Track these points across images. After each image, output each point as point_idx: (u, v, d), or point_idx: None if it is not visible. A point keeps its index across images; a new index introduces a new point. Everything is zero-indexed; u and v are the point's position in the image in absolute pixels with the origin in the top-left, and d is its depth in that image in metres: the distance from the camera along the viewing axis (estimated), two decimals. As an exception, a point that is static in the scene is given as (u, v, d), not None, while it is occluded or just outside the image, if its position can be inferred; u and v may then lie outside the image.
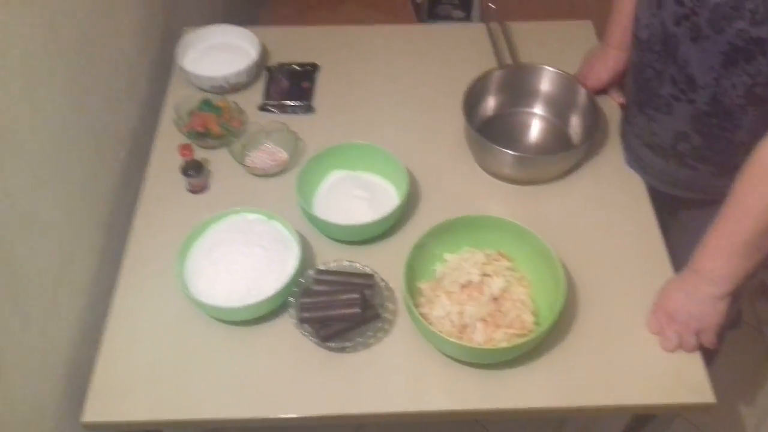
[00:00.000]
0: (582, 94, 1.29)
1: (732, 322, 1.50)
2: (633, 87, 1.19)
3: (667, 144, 1.15)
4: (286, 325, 1.08)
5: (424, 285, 1.10)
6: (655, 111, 1.13)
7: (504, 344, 1.01)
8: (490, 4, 1.46)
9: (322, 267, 1.11)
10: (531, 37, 1.51)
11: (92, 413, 1.02)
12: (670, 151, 1.15)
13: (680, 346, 1.04)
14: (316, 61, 1.48)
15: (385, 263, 1.14)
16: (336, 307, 1.04)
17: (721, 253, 0.97)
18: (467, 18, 2.68)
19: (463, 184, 1.28)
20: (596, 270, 1.15)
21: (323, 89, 1.44)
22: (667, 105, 1.10)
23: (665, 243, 1.18)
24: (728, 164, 1.09)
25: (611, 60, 1.31)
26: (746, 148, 0.96)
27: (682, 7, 0.97)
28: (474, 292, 1.05)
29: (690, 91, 1.05)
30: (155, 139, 1.35)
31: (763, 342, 1.93)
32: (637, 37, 1.12)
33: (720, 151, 1.10)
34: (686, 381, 1.02)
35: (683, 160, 1.15)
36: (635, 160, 1.25)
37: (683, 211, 1.28)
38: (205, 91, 1.40)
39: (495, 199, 1.26)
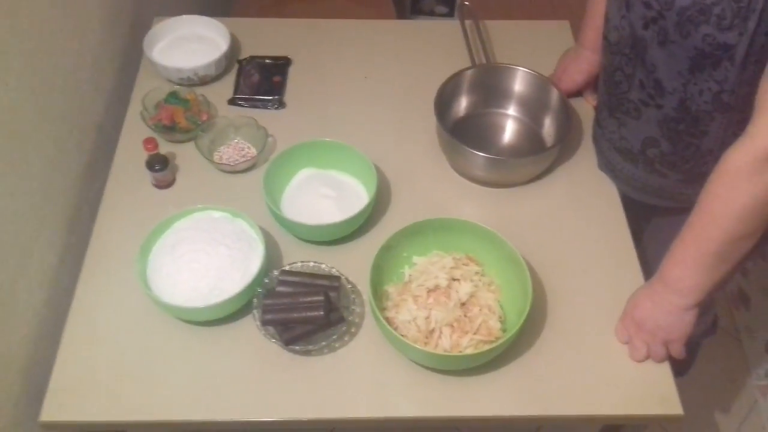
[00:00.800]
0: (555, 96, 1.28)
1: (707, 330, 1.50)
2: (603, 90, 1.18)
3: (636, 149, 1.14)
4: (250, 326, 1.06)
5: (391, 288, 1.08)
6: (625, 115, 1.12)
7: (470, 351, 0.99)
8: (464, 2, 1.43)
9: (287, 268, 1.09)
10: (508, 36, 1.49)
11: (50, 412, 1.00)
12: (640, 157, 1.14)
13: (649, 355, 1.03)
14: (288, 55, 1.45)
15: (353, 265, 1.12)
16: (299, 309, 1.01)
17: (688, 264, 0.96)
18: (450, 14, 2.66)
19: (435, 186, 1.26)
20: (566, 276, 1.14)
21: (295, 84, 1.41)
22: (636, 110, 1.09)
23: (636, 249, 1.17)
24: (697, 172, 1.08)
25: (585, 62, 1.30)
26: (714, 156, 0.95)
27: (650, 10, 0.96)
28: (441, 296, 1.04)
29: (658, 96, 1.04)
30: (121, 132, 1.31)
31: (741, 349, 1.94)
32: (606, 40, 1.11)
33: (688, 158, 1.09)
34: (654, 392, 1.01)
35: (652, 166, 1.14)
36: (606, 165, 1.24)
37: (654, 218, 1.27)
38: (173, 83, 1.37)
39: (466, 201, 1.24)
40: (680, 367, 1.04)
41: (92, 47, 1.30)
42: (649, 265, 1.12)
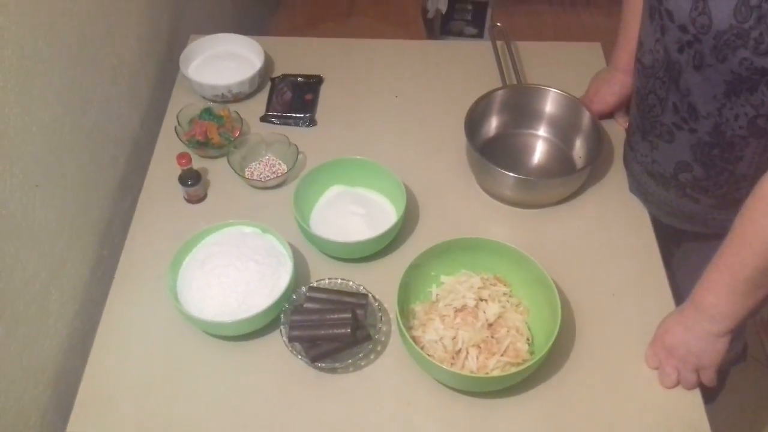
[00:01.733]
0: (586, 117, 1.27)
1: (737, 358, 1.47)
2: (636, 113, 1.17)
3: (668, 173, 1.13)
4: (278, 342, 1.06)
5: (418, 307, 1.08)
6: (658, 139, 1.11)
7: (497, 372, 0.98)
8: (497, 23, 1.44)
9: (314, 284, 1.09)
10: (539, 57, 1.49)
11: (77, 424, 1.01)
12: (672, 181, 1.13)
13: (679, 382, 1.01)
14: (320, 74, 1.47)
15: (380, 282, 1.12)
16: (326, 326, 1.02)
17: (722, 289, 0.94)
18: (480, 35, 2.68)
19: (463, 205, 1.26)
20: (595, 299, 1.12)
21: (326, 102, 1.42)
22: (669, 133, 1.08)
23: (666, 273, 1.15)
24: (730, 197, 1.07)
25: (617, 84, 1.29)
26: (748, 181, 0.93)
27: (686, 34, 0.96)
28: (468, 317, 1.03)
29: (692, 120, 1.03)
30: (155, 147, 1.34)
31: (770, 377, 1.90)
32: (640, 63, 1.10)
33: (722, 184, 1.08)
34: (684, 419, 1.00)
35: (684, 190, 1.13)
36: (638, 188, 1.23)
37: (684, 243, 1.25)
38: (207, 99, 1.39)
39: (495, 221, 1.24)
40: (709, 395, 1.02)
41: (129, 64, 1.33)
42: (679, 289, 1.11)
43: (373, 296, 1.08)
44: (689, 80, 0.99)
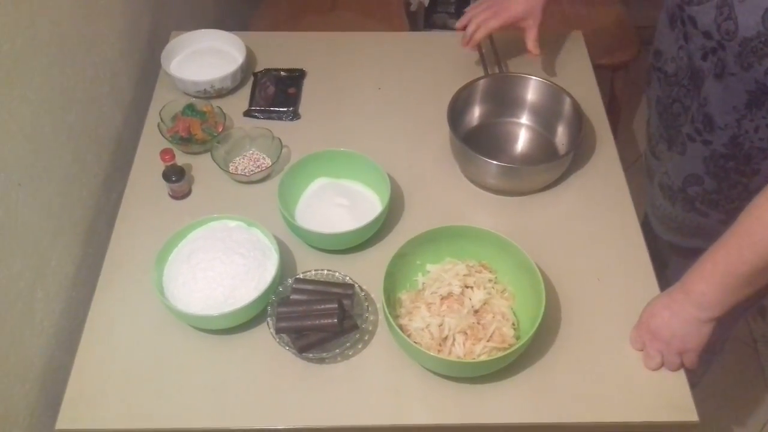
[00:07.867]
0: (568, 104, 1.28)
1: (716, 349, 1.46)
2: (658, 123, 1.13)
3: (676, 186, 1.10)
4: (265, 334, 1.06)
5: (404, 295, 1.09)
6: (676, 149, 1.08)
7: (483, 358, 0.99)
8: (478, 13, 1.44)
9: (301, 276, 1.09)
10: (520, 46, 1.49)
11: (66, 420, 1.00)
12: (679, 195, 1.10)
13: (663, 364, 1.02)
14: (303, 67, 1.47)
15: (366, 273, 1.12)
16: (313, 317, 1.02)
17: (715, 280, 0.93)
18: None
19: (448, 194, 1.26)
20: (580, 283, 1.13)
21: (310, 96, 1.43)
22: (682, 144, 1.04)
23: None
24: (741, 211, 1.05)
25: None
26: None
27: (710, 41, 0.93)
28: (454, 304, 1.04)
29: (706, 132, 1.00)
30: (138, 144, 1.33)
31: (757, 359, 1.92)
32: (662, 71, 1.07)
33: (734, 198, 1.04)
34: (669, 399, 1.01)
35: (692, 204, 1.09)
36: (650, 201, 1.19)
37: (676, 259, 1.22)
38: (189, 95, 1.39)
39: (480, 209, 1.25)
40: (691, 377, 1.03)
41: (111, 61, 1.32)
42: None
43: (359, 286, 1.09)
44: (709, 90, 0.96)
